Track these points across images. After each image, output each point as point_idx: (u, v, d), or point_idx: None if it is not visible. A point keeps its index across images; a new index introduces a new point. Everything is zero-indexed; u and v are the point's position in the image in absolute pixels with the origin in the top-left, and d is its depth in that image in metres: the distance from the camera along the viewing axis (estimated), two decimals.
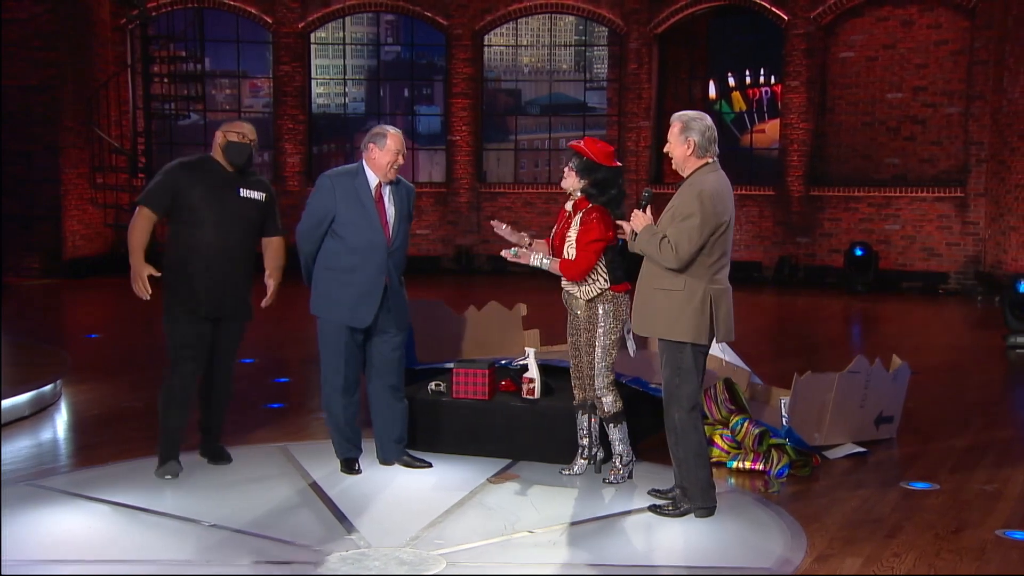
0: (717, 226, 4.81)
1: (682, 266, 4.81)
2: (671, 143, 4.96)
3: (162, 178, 5.47)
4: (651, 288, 4.94)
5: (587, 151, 5.32)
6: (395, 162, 5.49)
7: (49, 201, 14.20)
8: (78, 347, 8.99)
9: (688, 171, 4.94)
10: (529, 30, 16.83)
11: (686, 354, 4.88)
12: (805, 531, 4.83)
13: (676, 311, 4.84)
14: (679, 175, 5.06)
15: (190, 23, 15.29)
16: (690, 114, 4.99)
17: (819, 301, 13.36)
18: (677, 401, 4.92)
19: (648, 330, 5.03)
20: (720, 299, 4.89)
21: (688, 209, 4.80)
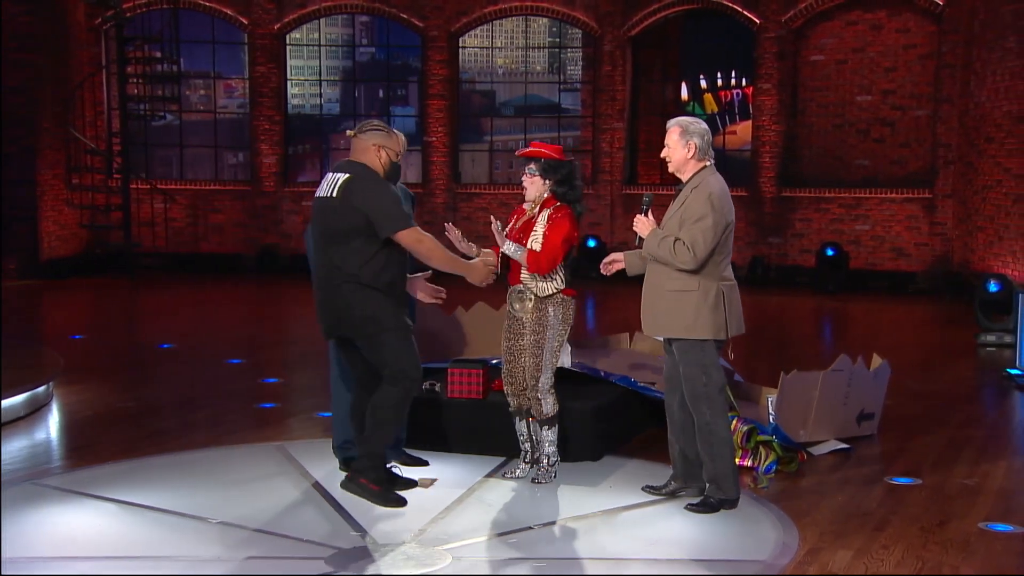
0: (726, 226, 5.01)
1: (698, 266, 4.98)
2: (670, 147, 5.11)
3: (392, 194, 5.00)
4: (662, 290, 5.08)
5: (545, 152, 5.40)
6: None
7: (25, 202, 14.15)
8: (64, 348, 8.99)
9: (688, 174, 5.11)
10: (504, 32, 16.95)
11: (708, 351, 5.06)
12: (796, 525, 4.99)
13: (693, 311, 5.01)
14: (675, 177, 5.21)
15: (165, 24, 15.26)
16: (688, 119, 5.17)
17: (791, 301, 13.59)
18: (707, 398, 5.08)
19: (664, 332, 5.18)
20: (731, 294, 5.10)
21: (700, 211, 4.97)
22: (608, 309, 12.89)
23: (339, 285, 4.88)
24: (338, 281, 4.88)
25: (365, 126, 5.05)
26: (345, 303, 4.88)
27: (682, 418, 5.28)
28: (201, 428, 6.71)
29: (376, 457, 4.98)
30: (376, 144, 4.99)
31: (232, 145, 16.71)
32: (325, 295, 4.95)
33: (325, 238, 4.91)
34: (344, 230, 4.85)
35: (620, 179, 16.04)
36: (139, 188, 15.08)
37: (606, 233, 15.78)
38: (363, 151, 4.99)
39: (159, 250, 14.94)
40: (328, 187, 4.93)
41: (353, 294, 4.86)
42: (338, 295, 4.89)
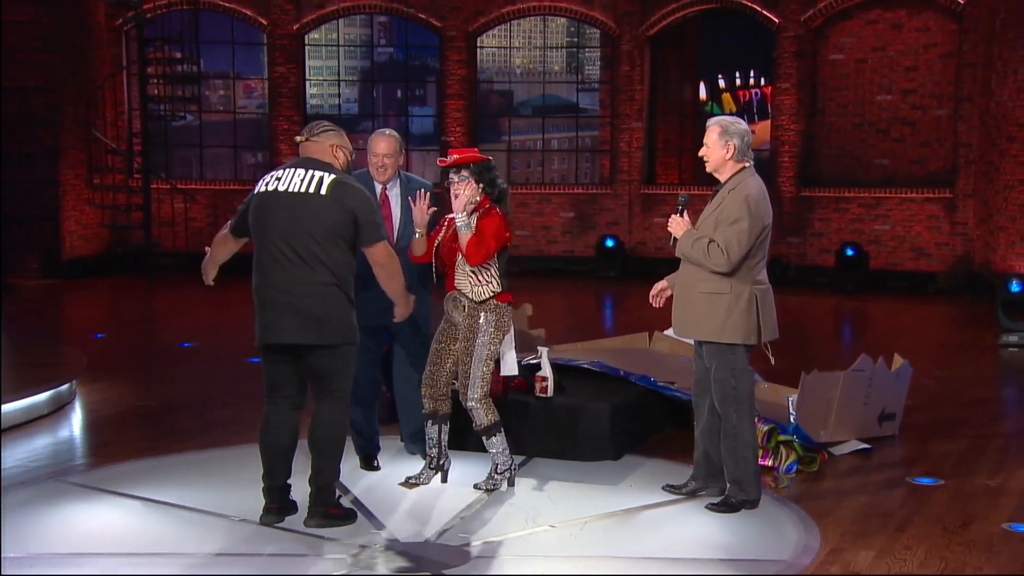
0: (762, 229, 4.97)
1: (732, 268, 4.94)
2: (709, 147, 5.06)
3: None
4: (694, 292, 5.06)
5: (471, 157, 5.31)
6: (378, 164, 5.58)
7: (48, 202, 14.24)
8: (86, 347, 9.05)
9: (726, 175, 5.06)
10: (522, 32, 16.96)
11: (739, 355, 5.04)
12: (818, 525, 4.98)
13: (724, 314, 4.98)
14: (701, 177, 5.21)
15: (185, 25, 15.31)
16: (728, 119, 5.12)
17: (810, 301, 13.54)
18: (736, 401, 5.06)
19: (694, 333, 5.15)
20: (765, 298, 5.05)
21: (736, 213, 4.93)
22: (626, 309, 12.88)
23: (316, 287, 4.63)
24: (315, 283, 4.63)
25: (317, 128, 4.84)
26: (320, 307, 4.63)
27: (711, 420, 5.27)
28: (220, 427, 6.74)
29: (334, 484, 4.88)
30: (333, 144, 4.80)
31: (251, 145, 16.77)
32: (291, 296, 4.62)
33: (299, 236, 4.60)
34: (328, 231, 4.63)
35: (638, 179, 16.02)
36: (159, 188, 15.15)
37: (624, 233, 15.77)
38: (322, 152, 4.76)
39: (179, 250, 14.99)
40: (302, 183, 4.64)
41: (330, 299, 4.64)
42: (311, 298, 4.62)
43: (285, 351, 4.74)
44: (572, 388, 6.26)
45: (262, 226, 4.71)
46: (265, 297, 4.71)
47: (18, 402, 6.60)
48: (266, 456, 4.86)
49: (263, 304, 4.72)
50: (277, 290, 4.67)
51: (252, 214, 4.75)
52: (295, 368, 4.78)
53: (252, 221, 4.75)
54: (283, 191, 4.68)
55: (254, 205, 4.75)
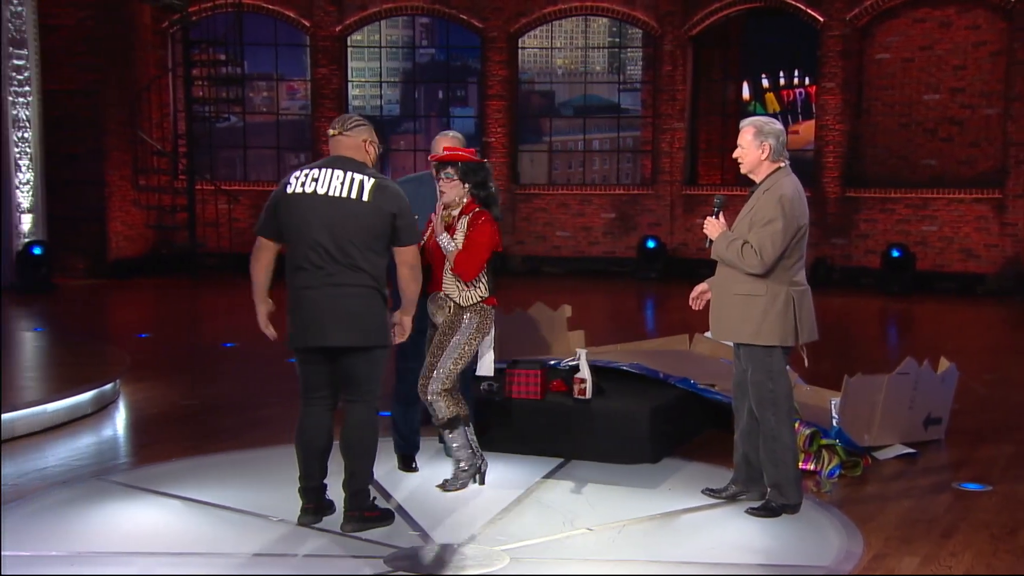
0: (798, 229, 4.90)
1: (766, 270, 4.89)
2: (744, 148, 5.01)
3: None
4: (730, 294, 5.01)
5: (462, 155, 5.25)
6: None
7: (94, 203, 14.44)
8: (130, 346, 9.15)
9: (761, 175, 5.01)
10: (563, 32, 16.92)
11: (776, 357, 4.98)
12: (861, 531, 4.90)
13: (761, 316, 4.92)
14: (738, 177, 5.15)
15: (229, 27, 15.46)
16: (762, 119, 5.06)
17: (855, 302, 13.38)
18: (773, 404, 5.00)
19: (730, 336, 5.11)
20: (802, 299, 4.98)
21: (770, 214, 4.88)
22: (668, 310, 12.80)
23: (356, 290, 4.62)
24: (355, 286, 4.61)
25: (349, 121, 4.77)
26: (360, 310, 4.62)
27: (750, 423, 5.20)
28: (262, 427, 6.77)
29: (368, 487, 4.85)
30: (365, 140, 4.75)
31: (294, 146, 16.89)
32: (332, 300, 4.60)
33: (340, 241, 4.58)
34: (368, 235, 4.62)
35: (680, 179, 15.93)
36: (203, 189, 15.30)
37: (665, 234, 15.68)
38: (355, 148, 4.71)
39: (223, 250, 15.14)
40: (343, 187, 4.61)
41: (370, 302, 4.65)
42: (352, 300, 4.61)
43: (321, 353, 4.72)
44: (611, 390, 6.22)
45: (299, 228, 4.65)
46: (304, 299, 4.66)
47: (63, 401, 6.68)
48: (303, 457, 4.86)
49: (302, 306, 4.67)
50: (318, 293, 4.64)
51: (286, 214, 4.66)
52: (330, 369, 4.78)
53: (286, 221, 4.67)
54: (322, 194, 4.63)
55: (288, 206, 4.66)
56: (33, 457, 5.98)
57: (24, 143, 13.20)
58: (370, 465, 4.86)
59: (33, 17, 13.27)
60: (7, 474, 5.61)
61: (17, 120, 13.15)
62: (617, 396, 6.16)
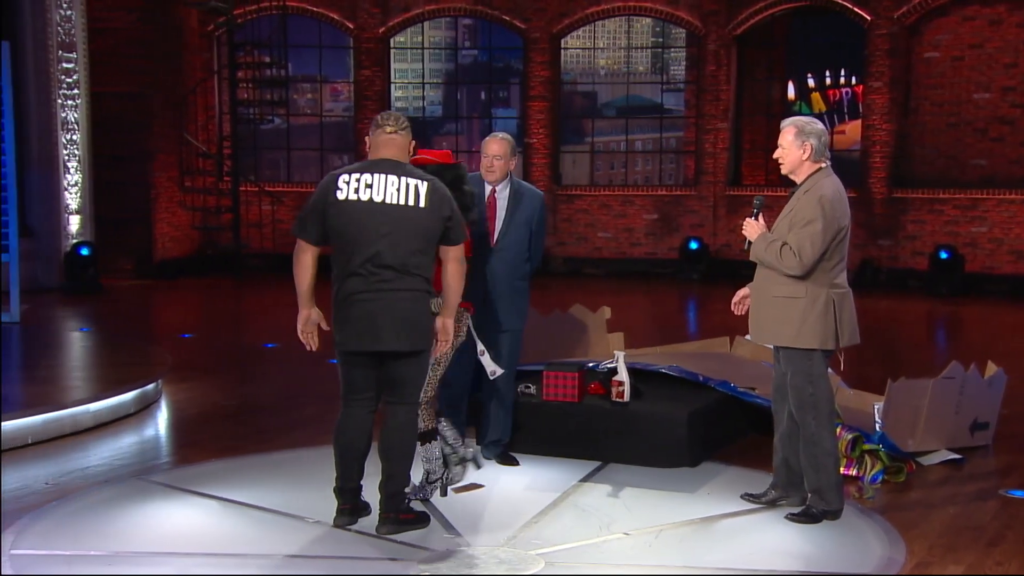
0: (838, 230, 4.85)
1: (805, 271, 4.83)
2: (784, 148, 4.97)
3: None
4: (769, 296, 4.96)
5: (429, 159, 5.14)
6: (487, 164, 5.73)
7: (141, 204, 14.62)
8: (174, 346, 9.24)
9: (802, 176, 4.96)
10: (606, 32, 16.85)
11: (815, 360, 4.91)
12: (903, 538, 4.81)
13: (801, 318, 4.86)
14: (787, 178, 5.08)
15: (274, 29, 15.58)
16: (803, 119, 5.01)
17: (902, 305, 13.19)
18: (814, 408, 4.93)
19: (770, 339, 5.06)
20: (843, 302, 4.91)
21: (809, 214, 4.82)
22: (710, 312, 12.69)
23: (410, 294, 4.62)
24: (409, 290, 4.62)
25: (401, 121, 4.73)
26: (414, 314, 4.64)
27: (790, 427, 5.14)
28: (302, 427, 6.80)
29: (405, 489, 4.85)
30: (412, 142, 4.79)
31: (337, 148, 16.98)
32: (388, 305, 4.58)
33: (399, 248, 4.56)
34: (425, 241, 4.64)
35: (724, 180, 15.80)
36: (248, 190, 15.43)
37: (708, 235, 15.56)
38: (404, 149, 4.70)
39: (266, 251, 15.26)
40: (399, 194, 4.57)
41: (422, 306, 4.68)
42: (407, 304, 4.62)
43: (370, 355, 4.68)
44: (649, 393, 6.17)
45: (356, 236, 4.57)
46: (358, 304, 4.60)
47: (106, 401, 6.75)
48: (342, 458, 4.85)
49: (355, 311, 4.61)
50: (373, 297, 4.59)
51: (338, 220, 4.58)
52: (376, 372, 4.76)
53: (339, 227, 4.59)
54: (379, 202, 4.57)
55: (340, 212, 4.57)
56: (76, 456, 6.06)
57: (72, 145, 13.40)
58: (409, 467, 4.86)
59: (82, 21, 13.46)
60: (50, 473, 5.69)
61: (66, 122, 13.35)
62: (655, 399, 6.11)
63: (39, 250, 13.05)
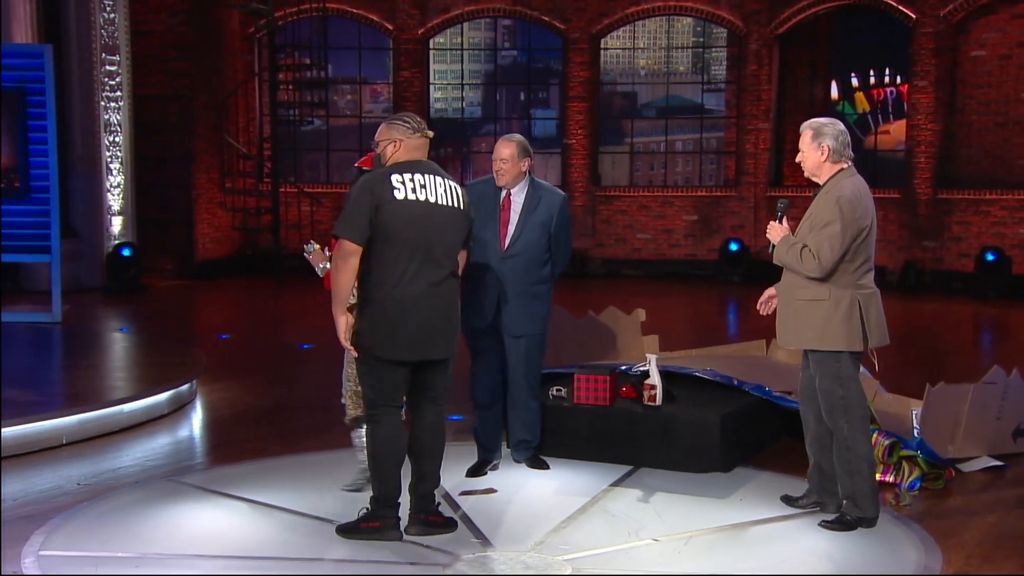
0: (859, 231, 4.79)
1: (825, 274, 4.78)
2: (804, 151, 4.94)
3: None
4: (794, 299, 4.91)
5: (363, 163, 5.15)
6: (496, 167, 5.60)
7: (182, 206, 14.75)
8: (210, 347, 9.30)
9: (824, 177, 4.92)
10: (646, 32, 16.75)
11: (844, 363, 4.84)
12: (940, 547, 4.71)
13: (824, 321, 4.80)
14: (811, 180, 5.02)
15: (314, 31, 15.65)
16: (821, 120, 4.97)
17: (947, 308, 12.96)
18: (846, 411, 4.86)
19: (796, 343, 5.00)
20: (869, 303, 4.85)
21: (827, 216, 4.78)
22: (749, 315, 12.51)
23: (455, 299, 4.69)
24: (455, 295, 4.68)
25: (422, 122, 4.67)
26: (457, 318, 4.72)
27: (818, 431, 5.07)
28: (334, 429, 6.76)
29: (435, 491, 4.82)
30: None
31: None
32: (444, 311, 4.60)
33: (449, 250, 4.60)
34: (463, 240, 4.73)
35: (764, 181, 15.63)
36: (287, 192, 15.50)
37: (749, 236, 15.40)
38: (426, 152, 4.66)
39: None
40: (447, 196, 4.59)
41: (458, 308, 4.77)
42: (453, 309, 4.68)
43: (415, 362, 4.62)
44: (683, 397, 6.10)
45: (415, 236, 4.50)
46: (417, 311, 4.51)
47: (139, 401, 6.80)
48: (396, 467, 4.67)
49: (412, 318, 4.51)
50: (428, 303, 4.54)
51: (395, 221, 4.46)
52: (412, 376, 4.69)
53: (395, 228, 4.47)
54: (433, 203, 4.54)
55: (398, 212, 4.46)
56: (109, 457, 6.09)
57: (115, 147, 13.53)
58: (439, 467, 4.83)
59: (125, 24, 13.59)
60: (83, 473, 5.73)
61: (108, 124, 13.49)
62: (688, 403, 6.03)
63: (82, 251, 13.20)
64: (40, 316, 10.28)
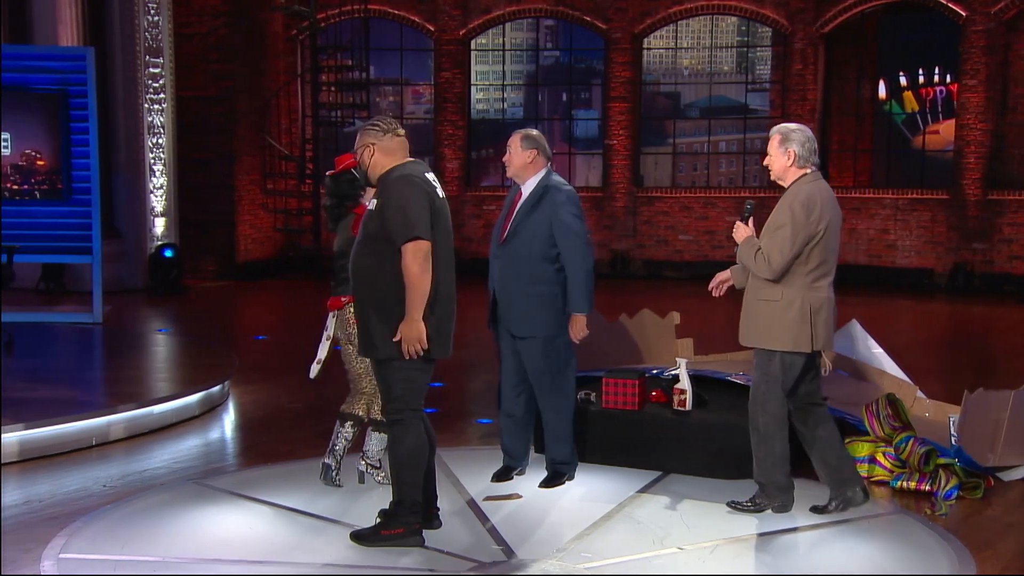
0: (811, 235, 4.90)
1: (776, 276, 4.94)
2: (771, 155, 5.09)
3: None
4: (755, 300, 5.09)
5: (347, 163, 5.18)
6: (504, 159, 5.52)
7: (224, 207, 14.85)
8: (247, 348, 9.32)
9: (788, 182, 5.07)
10: (690, 32, 16.58)
11: (775, 362, 5.00)
12: (975, 558, 4.57)
13: (774, 320, 4.98)
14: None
15: (356, 33, 15.69)
16: (789, 126, 5.12)
17: (997, 311, 12.67)
18: (763, 406, 5.04)
19: (749, 340, 5.13)
20: (820, 308, 4.96)
21: (780, 220, 4.94)
22: None
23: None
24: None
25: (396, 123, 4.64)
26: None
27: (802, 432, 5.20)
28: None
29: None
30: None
31: (418, 151, 16.97)
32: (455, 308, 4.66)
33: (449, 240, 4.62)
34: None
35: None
36: None
37: None
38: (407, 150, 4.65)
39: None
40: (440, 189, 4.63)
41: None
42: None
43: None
44: (714, 401, 5.99)
45: (446, 236, 4.56)
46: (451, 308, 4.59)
47: (169, 403, 6.81)
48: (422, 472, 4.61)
49: (447, 315, 4.56)
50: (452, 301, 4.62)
51: (440, 221, 4.50)
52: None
53: (440, 228, 4.51)
54: (442, 198, 4.59)
55: (442, 211, 4.52)
56: (137, 459, 6.11)
57: (158, 148, 13.66)
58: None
59: (169, 26, 13.72)
60: (110, 475, 5.75)
61: (152, 126, 13.62)
62: (719, 408, 5.93)
63: (125, 252, 13.34)
64: (81, 317, 10.40)
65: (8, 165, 10.34)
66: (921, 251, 14.60)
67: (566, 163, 16.66)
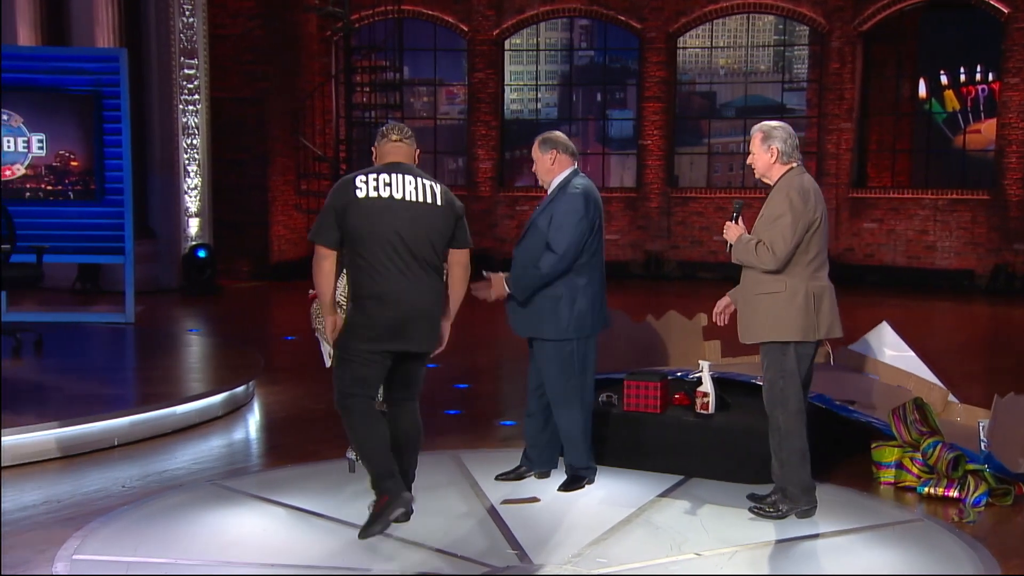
0: (810, 223, 4.90)
1: (780, 265, 4.91)
2: (754, 153, 5.10)
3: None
4: (753, 295, 5.04)
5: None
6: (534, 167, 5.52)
7: (258, 207, 14.93)
8: (276, 349, 9.34)
9: (774, 178, 5.07)
10: (726, 31, 16.44)
11: (790, 356, 4.95)
12: (1002, 567, 4.45)
13: (780, 311, 4.93)
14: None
15: (390, 33, 15.71)
16: (771, 124, 5.14)
17: None
18: (783, 403, 5.00)
19: (752, 336, 5.05)
20: (823, 295, 4.96)
21: (779, 210, 4.91)
22: None
23: (436, 295, 4.70)
24: (435, 291, 4.70)
25: (406, 131, 4.81)
26: (439, 314, 4.73)
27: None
28: None
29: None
30: (417, 151, 4.89)
31: (452, 151, 17.02)
32: (420, 305, 4.63)
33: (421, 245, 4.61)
34: (442, 239, 4.71)
35: (846, 182, 15.20)
36: None
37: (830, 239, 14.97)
38: (410, 156, 4.79)
39: None
40: (417, 192, 4.64)
41: (441, 305, 4.76)
42: (435, 306, 4.70)
43: (391, 354, 4.68)
44: (738, 405, 5.90)
45: (379, 232, 4.59)
46: (385, 302, 4.60)
47: (192, 404, 6.82)
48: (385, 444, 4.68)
49: (387, 311, 4.60)
50: (407, 296, 4.62)
51: (358, 219, 4.58)
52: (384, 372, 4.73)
53: (359, 226, 4.58)
54: (399, 199, 4.62)
55: (360, 210, 4.57)
56: (159, 459, 6.11)
57: (192, 149, 13.76)
58: (415, 464, 4.92)
59: (203, 28, 13.81)
60: (130, 476, 5.75)
61: (186, 127, 13.72)
62: (742, 411, 5.83)
63: (160, 252, 13.45)
64: (114, 317, 10.48)
65: (42, 166, 10.45)
66: (961, 252, 14.35)
67: (600, 163, 16.58)
